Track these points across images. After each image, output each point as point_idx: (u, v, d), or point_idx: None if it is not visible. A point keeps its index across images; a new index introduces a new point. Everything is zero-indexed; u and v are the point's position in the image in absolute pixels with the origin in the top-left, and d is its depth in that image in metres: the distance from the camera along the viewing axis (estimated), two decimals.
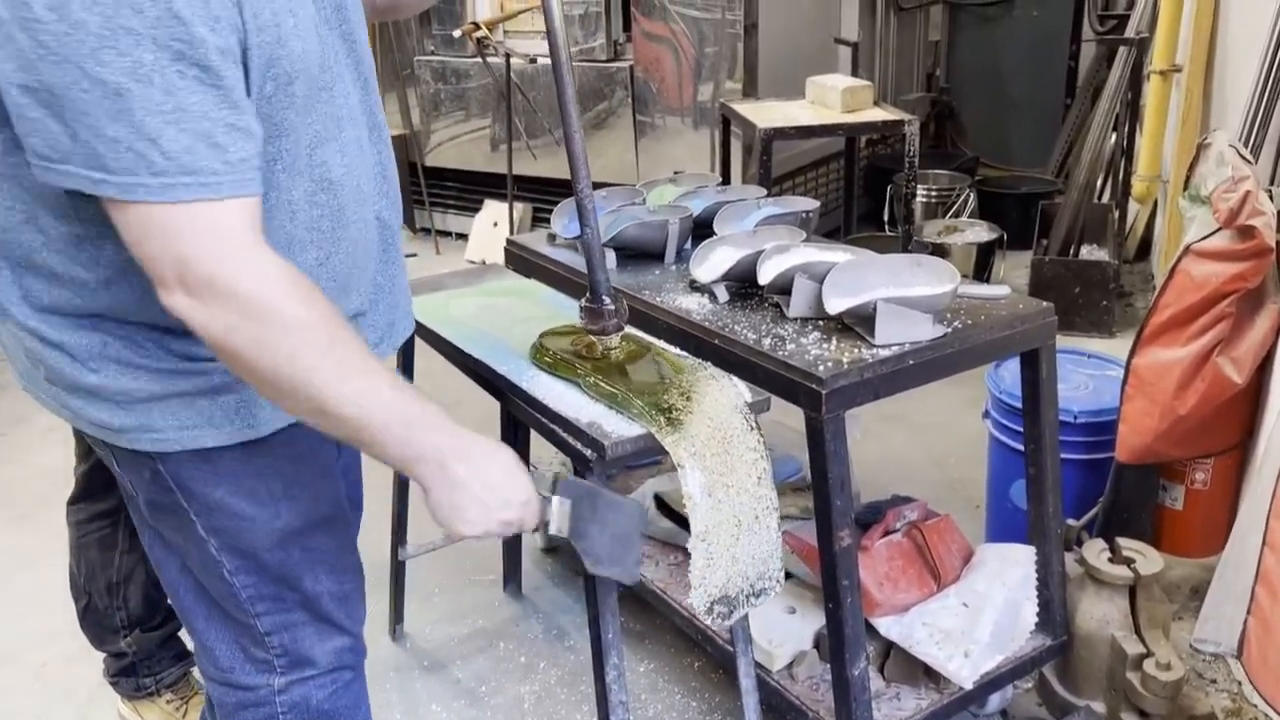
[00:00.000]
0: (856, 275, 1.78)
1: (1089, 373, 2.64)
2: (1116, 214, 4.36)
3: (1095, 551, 2.10)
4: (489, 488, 1.26)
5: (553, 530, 1.38)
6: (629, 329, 1.71)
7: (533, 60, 4.84)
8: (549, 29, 1.47)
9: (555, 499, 1.38)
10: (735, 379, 1.63)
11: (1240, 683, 2.22)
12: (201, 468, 1.30)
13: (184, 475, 1.30)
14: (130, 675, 2.19)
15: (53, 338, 1.23)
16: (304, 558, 1.40)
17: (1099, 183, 4.45)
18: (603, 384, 1.63)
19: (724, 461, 1.53)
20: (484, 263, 4.99)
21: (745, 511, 1.54)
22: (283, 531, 1.37)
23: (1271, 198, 2.23)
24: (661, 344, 1.77)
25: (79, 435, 1.82)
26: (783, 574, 1.60)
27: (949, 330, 1.78)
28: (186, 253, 1.07)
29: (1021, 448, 2.06)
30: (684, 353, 1.75)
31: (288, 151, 1.20)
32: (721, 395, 1.59)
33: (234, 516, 1.33)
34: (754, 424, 1.58)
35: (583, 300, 1.65)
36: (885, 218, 5.20)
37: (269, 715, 1.47)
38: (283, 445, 1.34)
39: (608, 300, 1.62)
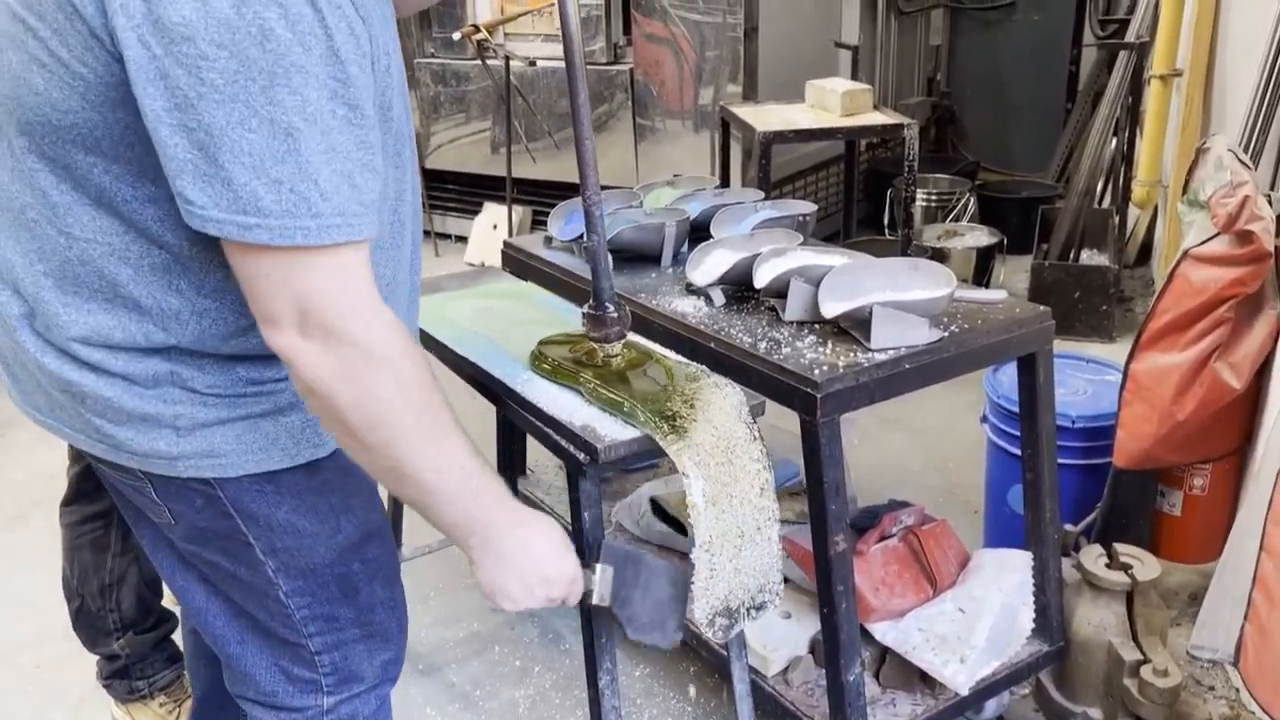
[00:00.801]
0: (853, 279, 1.78)
1: (1088, 377, 2.64)
2: (1117, 219, 4.36)
3: (1093, 557, 2.09)
4: (534, 566, 1.28)
5: (595, 600, 1.39)
6: (630, 335, 1.70)
7: (532, 63, 4.84)
8: (565, 34, 1.44)
9: (599, 567, 1.39)
10: (737, 387, 1.62)
11: (1238, 689, 2.21)
12: (265, 489, 1.27)
13: (245, 498, 1.27)
14: (123, 678, 2.18)
15: (115, 369, 1.18)
16: (363, 569, 1.39)
17: (1099, 187, 4.45)
18: (605, 391, 1.61)
19: (728, 471, 1.52)
20: (483, 265, 4.99)
21: (748, 522, 1.53)
22: (343, 545, 1.36)
23: (1270, 203, 2.22)
24: (663, 351, 1.76)
25: None
26: (781, 586, 1.59)
27: (945, 334, 1.77)
28: (314, 295, 1.05)
29: (1019, 452, 2.06)
30: (685, 360, 1.73)
31: (396, 218, 1.24)
32: (725, 404, 1.57)
33: (296, 535, 1.31)
34: (757, 434, 1.56)
35: (585, 306, 1.63)
36: (885, 222, 5.20)
37: None
38: (335, 458, 1.31)
39: (611, 308, 1.60)
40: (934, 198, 5.01)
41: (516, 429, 2.54)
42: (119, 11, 0.98)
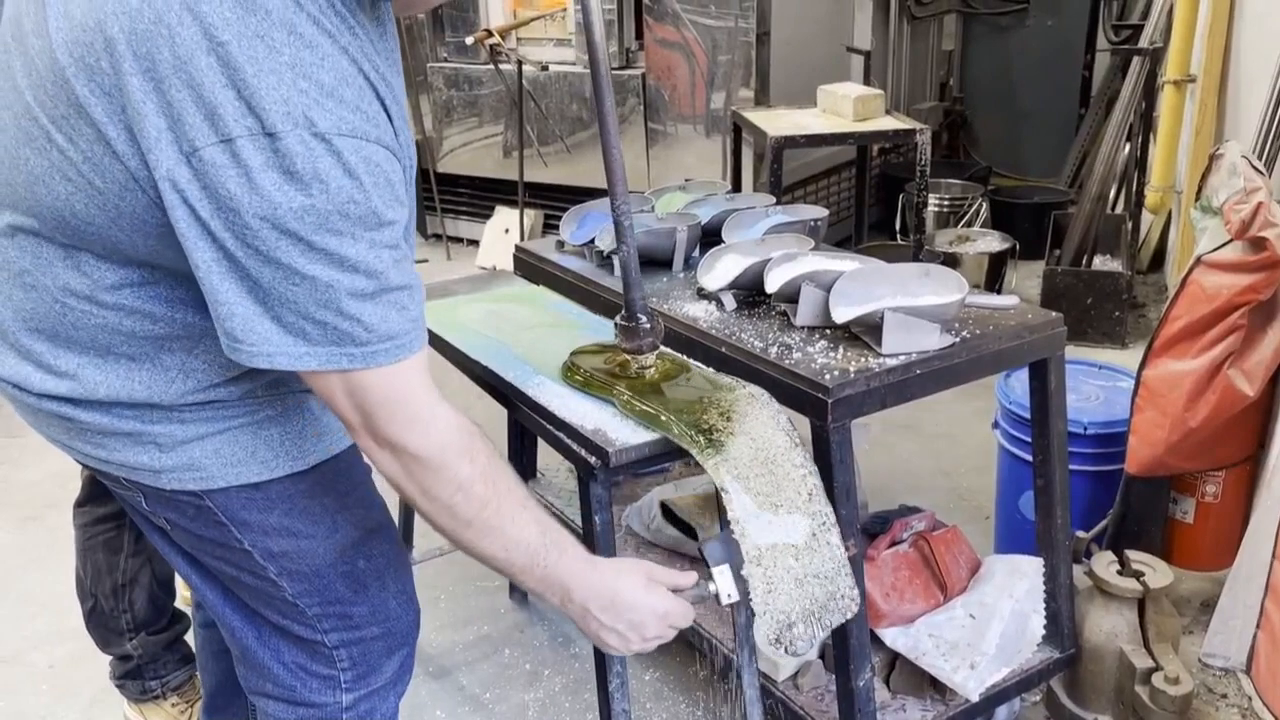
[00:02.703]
0: (864, 284, 1.77)
1: (1100, 384, 2.63)
2: (1130, 225, 4.35)
3: (1104, 564, 2.08)
4: (619, 616, 1.31)
5: (724, 601, 1.38)
6: (664, 347, 1.69)
7: (545, 67, 4.85)
8: (589, 41, 1.44)
9: (713, 571, 1.38)
10: (772, 397, 1.60)
11: (1250, 698, 2.20)
12: (254, 496, 1.29)
13: (234, 507, 1.29)
14: (136, 678, 2.19)
15: (104, 401, 1.23)
16: (369, 566, 1.41)
17: (1112, 193, 4.43)
18: (638, 404, 1.60)
19: (770, 482, 1.49)
20: (495, 269, 5.00)
21: (802, 529, 1.48)
22: (343, 544, 1.37)
23: None
24: (697, 364, 1.74)
25: None
26: (856, 591, 1.50)
27: (957, 340, 1.77)
28: (374, 410, 1.12)
29: (1030, 458, 2.05)
30: (720, 373, 1.71)
31: None
32: (762, 413, 1.55)
33: (293, 538, 1.33)
34: (798, 440, 1.54)
35: (618, 318, 1.63)
36: (897, 227, 5.19)
37: None
38: (331, 458, 1.34)
39: (644, 319, 1.60)
40: (946, 203, 5.01)
41: (528, 432, 2.55)
42: (165, 176, 1.01)
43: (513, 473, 1.28)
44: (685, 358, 1.77)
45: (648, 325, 1.61)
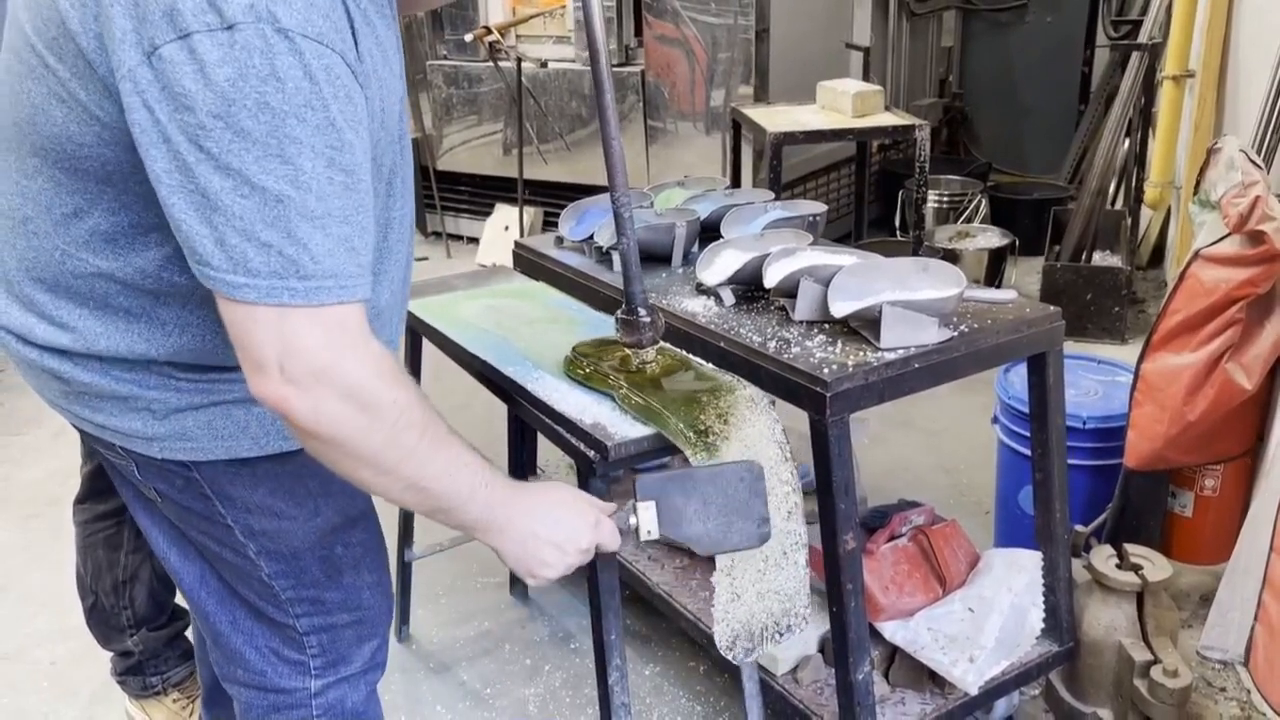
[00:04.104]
0: (862, 279, 1.78)
1: (1099, 378, 2.63)
2: (1129, 220, 4.35)
3: (1103, 557, 2.08)
4: (554, 528, 1.28)
5: (644, 536, 1.36)
6: (664, 343, 1.69)
7: (544, 64, 4.85)
8: (590, 37, 1.44)
9: (638, 505, 1.36)
10: (770, 402, 1.60)
11: (1249, 691, 2.21)
12: (241, 471, 1.29)
13: (221, 480, 1.30)
14: (137, 674, 2.20)
15: (95, 362, 1.23)
16: (346, 553, 1.41)
17: (1112, 189, 4.44)
18: (636, 398, 1.60)
19: None
20: (494, 266, 5.00)
21: (773, 547, 1.50)
22: (323, 529, 1.38)
23: None
24: (697, 360, 1.75)
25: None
26: (808, 610, 1.56)
27: (955, 334, 1.77)
28: (302, 349, 1.06)
29: (1030, 453, 2.06)
30: (721, 370, 1.71)
31: (385, 244, 1.26)
32: (759, 421, 1.55)
33: (274, 517, 1.33)
34: (789, 455, 1.55)
35: (618, 312, 1.63)
36: (896, 223, 5.19)
37: (303, 718, 1.47)
38: None
39: (644, 313, 1.60)
40: (945, 199, 5.01)
41: (527, 427, 2.55)
42: (126, 76, 1.01)
43: (436, 411, 1.22)
44: (685, 353, 1.77)
45: (648, 319, 1.60)
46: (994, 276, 4.36)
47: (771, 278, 1.90)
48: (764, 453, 1.52)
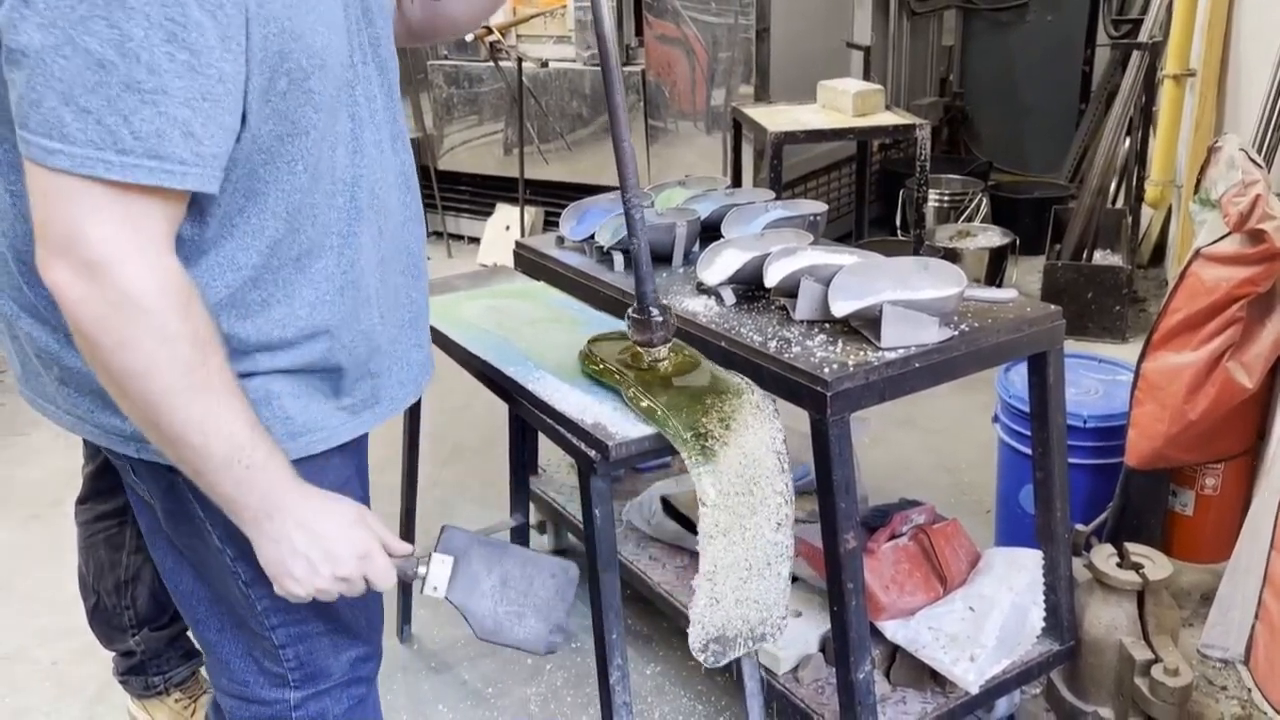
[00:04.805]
0: (863, 278, 1.78)
1: (1100, 377, 2.63)
2: (1130, 219, 4.35)
3: (1104, 556, 2.09)
4: (315, 542, 1.20)
5: (427, 590, 1.28)
6: (678, 340, 1.68)
7: (545, 64, 4.86)
8: (599, 35, 1.44)
9: (434, 555, 1.29)
10: (777, 413, 1.58)
11: (1250, 689, 2.21)
12: None
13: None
14: (139, 674, 2.20)
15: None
16: None
17: (1112, 188, 4.44)
18: (641, 397, 1.59)
19: (747, 502, 1.49)
20: (496, 266, 5.00)
21: (758, 557, 1.50)
22: None
23: None
24: (710, 362, 1.73)
25: None
26: (785, 621, 1.57)
27: (955, 333, 1.77)
28: (94, 232, 1.01)
29: (1030, 452, 2.06)
30: (733, 372, 1.69)
31: (309, 152, 1.17)
32: (762, 429, 1.54)
33: None
34: (786, 466, 1.54)
35: (630, 311, 1.63)
36: (897, 222, 5.19)
37: None
38: (298, 462, 1.30)
39: (655, 312, 1.59)
40: (946, 198, 5.01)
41: (529, 427, 2.55)
42: None
43: (230, 369, 1.15)
44: (699, 353, 1.75)
45: (659, 319, 1.60)
46: (995, 276, 4.36)
47: (772, 277, 1.90)
48: (762, 462, 1.52)
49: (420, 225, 1.42)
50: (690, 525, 2.34)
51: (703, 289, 2.04)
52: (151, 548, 1.45)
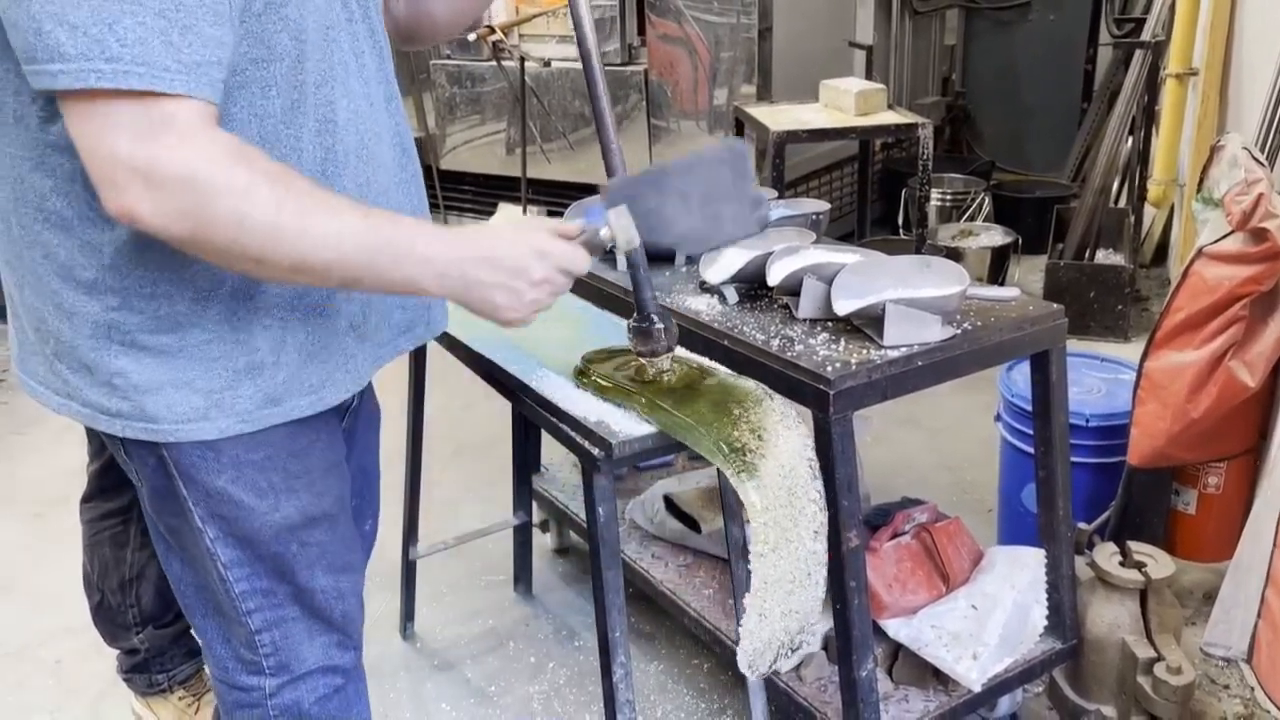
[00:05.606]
0: (865, 277, 1.78)
1: (1102, 376, 2.64)
2: (1132, 218, 4.35)
3: (1106, 555, 2.09)
4: (496, 268, 1.22)
5: (623, 245, 1.23)
6: (679, 349, 1.65)
7: (547, 64, 4.86)
8: (580, 39, 1.43)
9: (609, 214, 1.23)
10: (801, 420, 1.57)
11: (1253, 688, 2.21)
12: (206, 455, 1.29)
13: (186, 462, 1.29)
14: (143, 672, 2.20)
15: (67, 304, 1.23)
16: (301, 552, 1.40)
17: (1115, 187, 4.44)
18: (667, 414, 1.53)
19: (788, 514, 1.47)
20: None
21: (800, 568, 1.49)
22: (280, 525, 1.36)
23: None
24: (711, 364, 1.71)
25: (91, 433, 1.84)
26: (819, 627, 1.55)
27: (958, 332, 1.77)
28: (124, 145, 1.05)
29: (1032, 451, 2.06)
30: (740, 375, 1.67)
31: (283, 78, 1.19)
32: (793, 437, 1.51)
33: (234, 505, 1.33)
34: (818, 472, 1.52)
35: (630, 320, 1.58)
36: (899, 222, 5.19)
37: (261, 717, 1.47)
38: (287, 439, 1.33)
39: (657, 320, 1.55)
40: (949, 198, 5.01)
41: (532, 426, 2.56)
42: None
43: (308, 179, 1.17)
44: (701, 359, 1.73)
45: (661, 326, 1.55)
46: (997, 275, 4.36)
47: (775, 276, 1.90)
48: (796, 471, 1.49)
49: (420, 192, 1.43)
50: (693, 523, 2.35)
51: (705, 288, 2.04)
52: (152, 534, 1.46)
